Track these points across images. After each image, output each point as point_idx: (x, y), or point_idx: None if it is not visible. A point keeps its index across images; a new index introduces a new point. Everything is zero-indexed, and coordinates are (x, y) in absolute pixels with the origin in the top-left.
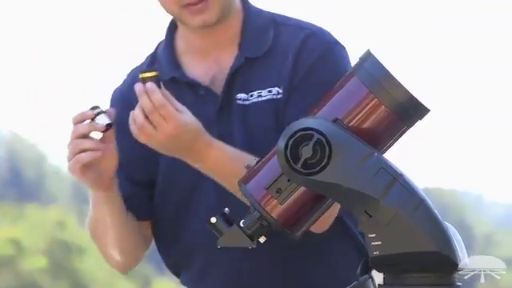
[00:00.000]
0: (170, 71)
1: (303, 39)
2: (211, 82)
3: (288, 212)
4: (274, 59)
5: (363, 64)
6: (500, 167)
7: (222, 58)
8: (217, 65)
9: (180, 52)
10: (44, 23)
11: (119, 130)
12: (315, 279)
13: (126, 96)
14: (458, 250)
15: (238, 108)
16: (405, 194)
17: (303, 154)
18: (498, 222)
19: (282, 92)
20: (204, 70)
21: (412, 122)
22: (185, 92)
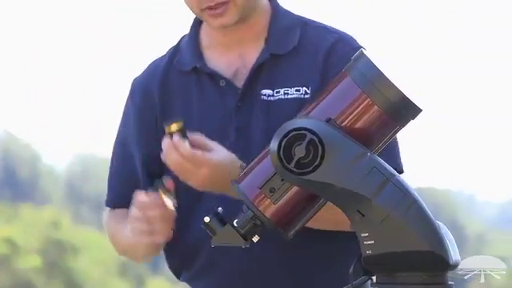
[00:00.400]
0: (192, 61)
1: (333, 43)
2: (234, 75)
3: (281, 211)
4: (301, 58)
5: (356, 64)
6: (492, 168)
7: (247, 54)
8: (240, 59)
9: (204, 46)
10: (42, 23)
11: (141, 124)
12: (319, 279)
13: (146, 88)
14: (451, 249)
15: (261, 103)
16: (397, 193)
17: (296, 154)
18: (490, 221)
19: (309, 92)
20: (227, 63)
21: (405, 122)
22: (206, 83)
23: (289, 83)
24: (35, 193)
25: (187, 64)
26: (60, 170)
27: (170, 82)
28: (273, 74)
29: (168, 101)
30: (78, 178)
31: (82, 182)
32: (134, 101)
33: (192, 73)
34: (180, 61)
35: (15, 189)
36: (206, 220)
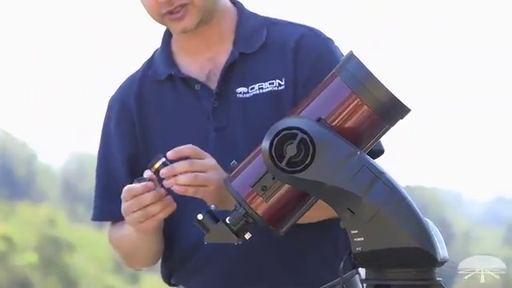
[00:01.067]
0: (166, 70)
1: (302, 33)
2: (207, 78)
3: (273, 209)
4: (270, 54)
5: (346, 65)
6: (479, 167)
7: (216, 57)
8: (211, 62)
9: (175, 54)
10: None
11: (121, 137)
12: (304, 265)
13: (122, 101)
14: (438, 246)
15: (238, 101)
16: (387, 191)
17: (288, 153)
18: (476, 219)
19: (283, 83)
20: (199, 68)
21: (394, 122)
22: (181, 88)
23: (262, 78)
24: (32, 191)
25: (162, 73)
26: (56, 168)
27: (146, 93)
28: (245, 72)
29: (145, 112)
30: (73, 176)
31: (78, 180)
32: (112, 116)
33: (167, 81)
34: (154, 71)
35: (12, 187)
36: (200, 217)
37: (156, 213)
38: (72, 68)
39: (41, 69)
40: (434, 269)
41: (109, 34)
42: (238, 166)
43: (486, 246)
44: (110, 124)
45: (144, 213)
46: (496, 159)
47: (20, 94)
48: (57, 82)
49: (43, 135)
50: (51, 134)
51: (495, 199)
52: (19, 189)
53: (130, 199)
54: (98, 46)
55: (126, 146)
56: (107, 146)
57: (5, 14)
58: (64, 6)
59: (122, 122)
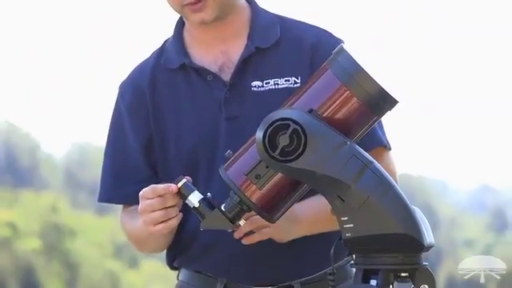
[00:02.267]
0: (179, 59)
1: (318, 35)
2: (220, 69)
3: (266, 197)
4: (286, 50)
5: (337, 58)
6: (463, 157)
7: (230, 50)
8: (224, 56)
9: (188, 45)
10: (42, 18)
11: (134, 117)
12: (302, 252)
13: (136, 87)
14: (425, 232)
15: (252, 94)
16: (375, 179)
17: (280, 143)
18: (461, 206)
19: (299, 82)
20: (212, 59)
21: (382, 113)
22: (193, 78)
23: (278, 74)
24: (35, 179)
25: (174, 62)
26: (58, 157)
27: (159, 80)
28: (261, 66)
29: (158, 97)
30: (75, 165)
31: (80, 169)
32: (125, 101)
33: (179, 70)
34: (167, 59)
35: (16, 175)
36: (196, 205)
37: (174, 216)
38: (74, 61)
39: (44, 61)
40: (421, 254)
41: (110, 26)
42: (233, 156)
43: (470, 233)
44: (122, 108)
45: (165, 213)
46: (481, 148)
47: (24, 86)
48: (60, 74)
49: (46, 126)
50: (54, 124)
51: (479, 187)
52: (23, 177)
53: (153, 197)
54: (99, 38)
55: (142, 130)
56: (119, 129)
57: (6, 7)
58: (63, 1)
59: (136, 105)
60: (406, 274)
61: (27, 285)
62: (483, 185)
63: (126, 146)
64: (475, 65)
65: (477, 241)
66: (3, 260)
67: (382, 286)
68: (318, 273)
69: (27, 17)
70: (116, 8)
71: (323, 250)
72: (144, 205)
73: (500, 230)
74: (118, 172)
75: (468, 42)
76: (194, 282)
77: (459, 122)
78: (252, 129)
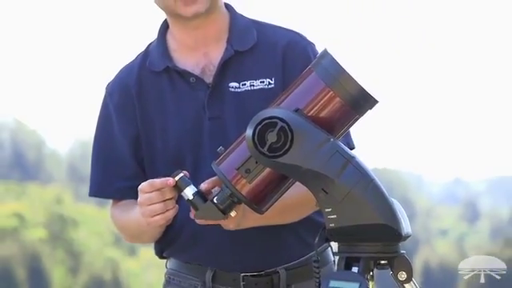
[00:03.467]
0: (163, 62)
1: (289, 39)
2: (201, 72)
3: (255, 190)
4: (261, 53)
5: (321, 61)
6: (437, 152)
7: (211, 53)
8: (206, 58)
9: (171, 49)
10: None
11: (122, 116)
12: (285, 241)
13: (123, 86)
14: (403, 222)
15: (230, 95)
16: (357, 174)
17: (269, 139)
18: (436, 198)
19: (273, 83)
20: (194, 62)
21: (363, 112)
22: (178, 81)
23: (253, 76)
24: (41, 173)
25: (159, 65)
26: (62, 153)
27: (145, 82)
28: (238, 69)
29: (144, 98)
30: (78, 160)
31: (82, 163)
32: (113, 100)
33: (163, 72)
34: (151, 62)
35: (23, 170)
36: (190, 197)
37: (171, 207)
38: (77, 63)
39: (49, 63)
40: (399, 243)
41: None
42: (225, 152)
43: (444, 223)
44: (110, 107)
45: (164, 205)
46: (453, 144)
47: (30, 86)
48: (64, 76)
49: (51, 123)
50: (58, 122)
51: (453, 181)
52: (29, 171)
53: (151, 191)
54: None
55: (129, 128)
56: (107, 127)
57: (17, 8)
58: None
59: (124, 105)
60: (386, 262)
61: (33, 271)
62: (456, 178)
63: (113, 143)
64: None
65: (450, 230)
66: (11, 248)
67: (363, 273)
68: (300, 259)
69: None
70: (122, 9)
71: (305, 238)
72: (143, 198)
73: (472, 220)
74: (107, 168)
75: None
76: (184, 270)
77: (433, 120)
78: (232, 127)
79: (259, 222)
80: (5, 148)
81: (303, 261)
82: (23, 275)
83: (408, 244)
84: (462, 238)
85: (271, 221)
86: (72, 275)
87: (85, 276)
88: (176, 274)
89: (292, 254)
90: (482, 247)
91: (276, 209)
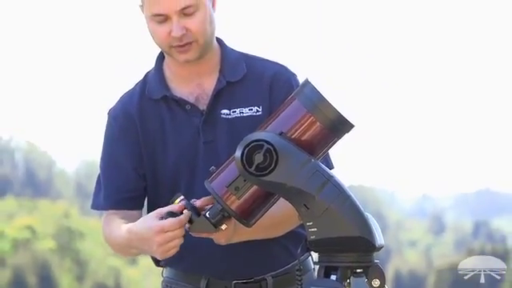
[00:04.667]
0: (161, 91)
1: (276, 70)
2: (196, 100)
3: (244, 205)
4: (250, 84)
5: (303, 89)
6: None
7: (205, 84)
8: (199, 88)
9: (168, 78)
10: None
11: (127, 137)
12: (272, 251)
13: (126, 111)
14: (377, 235)
15: (222, 121)
16: (335, 191)
17: (256, 160)
18: (406, 213)
19: (261, 110)
20: (188, 92)
21: (341, 135)
22: (174, 108)
23: (243, 104)
24: (50, 190)
25: (157, 93)
26: (70, 172)
27: (145, 109)
28: (229, 97)
29: (145, 123)
30: (84, 178)
31: (88, 181)
32: (118, 123)
33: (162, 100)
34: (150, 91)
35: (35, 187)
36: (185, 211)
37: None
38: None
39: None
40: (373, 253)
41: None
42: (216, 171)
43: (413, 235)
44: (115, 129)
45: (182, 240)
46: (422, 164)
47: (42, 113)
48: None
49: (60, 146)
50: (66, 144)
51: (421, 197)
52: (40, 189)
53: (175, 229)
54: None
55: (133, 147)
56: (113, 146)
57: (25, 27)
58: (89, 20)
59: (127, 129)
60: (361, 270)
61: (44, 278)
62: (424, 195)
63: (117, 159)
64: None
65: (419, 242)
66: (24, 258)
67: (341, 281)
68: (285, 267)
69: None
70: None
71: (289, 248)
72: (168, 237)
73: (438, 232)
74: (109, 183)
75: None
76: (180, 279)
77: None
78: (224, 150)
79: (249, 237)
80: (18, 168)
81: (287, 269)
82: (34, 282)
83: (381, 254)
84: (429, 249)
85: (260, 235)
86: (78, 282)
87: (90, 283)
88: (172, 282)
89: (278, 263)
90: (447, 257)
91: (264, 225)
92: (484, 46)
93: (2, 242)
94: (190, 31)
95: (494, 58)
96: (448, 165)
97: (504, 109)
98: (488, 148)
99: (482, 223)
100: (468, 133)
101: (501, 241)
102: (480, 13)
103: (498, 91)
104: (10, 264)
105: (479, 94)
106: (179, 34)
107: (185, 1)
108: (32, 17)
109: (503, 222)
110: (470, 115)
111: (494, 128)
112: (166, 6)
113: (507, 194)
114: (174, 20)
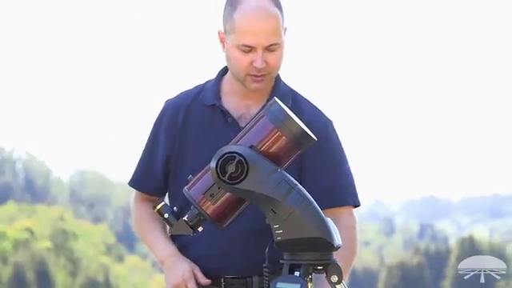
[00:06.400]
0: (212, 99)
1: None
2: (239, 117)
3: (218, 210)
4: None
5: (270, 108)
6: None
7: (252, 106)
8: (246, 108)
9: (223, 91)
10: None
11: (167, 133)
12: (260, 252)
13: (175, 109)
14: (335, 236)
15: None
16: (299, 198)
17: (229, 170)
18: (361, 216)
19: None
20: (236, 108)
21: (304, 148)
22: (218, 116)
23: None
24: (47, 196)
25: (209, 101)
26: (65, 180)
27: (193, 110)
28: None
29: (188, 123)
30: (77, 186)
31: (81, 189)
32: (165, 117)
33: (210, 107)
34: (204, 97)
35: (33, 193)
36: (166, 216)
37: None
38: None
39: (55, 108)
40: (332, 252)
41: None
42: (194, 179)
43: (368, 236)
44: (163, 119)
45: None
46: (374, 172)
47: (40, 127)
48: (67, 118)
49: (56, 156)
50: (62, 155)
51: (374, 202)
52: (38, 195)
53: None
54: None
55: (168, 147)
56: (156, 134)
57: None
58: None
59: (169, 126)
60: (321, 267)
61: (41, 274)
62: (376, 200)
63: (155, 150)
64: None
65: (372, 242)
66: (23, 256)
67: (304, 276)
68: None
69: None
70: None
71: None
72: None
73: (388, 233)
74: (146, 168)
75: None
76: None
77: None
78: None
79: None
80: (19, 176)
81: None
82: (33, 277)
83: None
84: (380, 248)
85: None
86: (72, 277)
87: (82, 278)
88: None
89: (262, 263)
90: (397, 255)
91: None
92: (465, 48)
93: (4, 242)
94: (268, 65)
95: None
96: (397, 174)
97: (448, 121)
98: (432, 158)
99: (426, 226)
100: (414, 145)
101: (443, 241)
102: (481, 17)
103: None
104: (11, 262)
105: (428, 105)
106: (261, 66)
107: (273, 39)
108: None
109: (445, 225)
110: (415, 129)
111: (439, 140)
112: (258, 40)
113: (449, 200)
114: (258, 53)
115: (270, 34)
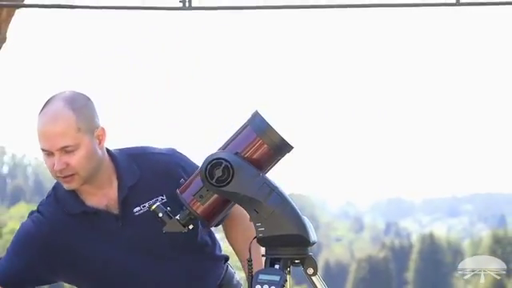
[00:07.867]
0: (78, 207)
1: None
2: (107, 207)
3: (207, 210)
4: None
5: (254, 119)
6: (335, 184)
7: (109, 193)
8: (106, 197)
9: (79, 193)
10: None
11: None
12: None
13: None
14: (311, 233)
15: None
16: (279, 199)
17: (216, 174)
18: (334, 216)
19: (165, 197)
20: (98, 202)
21: (283, 155)
22: (92, 218)
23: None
24: None
25: (76, 208)
26: None
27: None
28: (136, 197)
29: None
30: None
31: None
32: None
33: (81, 214)
34: (68, 207)
35: (42, 195)
36: (160, 215)
37: None
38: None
39: None
40: (308, 247)
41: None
42: (185, 182)
43: (339, 233)
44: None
45: None
46: (346, 176)
47: None
48: None
49: None
50: None
51: (345, 203)
52: None
53: None
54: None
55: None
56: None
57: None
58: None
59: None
60: (299, 261)
61: None
62: (347, 201)
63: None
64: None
65: (343, 238)
66: None
67: (283, 269)
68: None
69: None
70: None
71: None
72: None
73: (358, 231)
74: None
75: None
76: None
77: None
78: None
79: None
80: (29, 179)
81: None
82: None
83: (314, 248)
84: (351, 244)
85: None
86: None
87: None
88: None
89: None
90: (365, 250)
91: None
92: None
93: None
94: (70, 166)
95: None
96: (366, 178)
97: (411, 130)
98: (397, 163)
99: (392, 224)
100: (381, 151)
101: (406, 237)
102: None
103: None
104: None
105: (396, 111)
106: (59, 168)
107: (63, 142)
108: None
109: (408, 223)
110: (382, 137)
111: (403, 147)
112: (49, 144)
113: (412, 201)
114: (56, 156)
115: (59, 137)
